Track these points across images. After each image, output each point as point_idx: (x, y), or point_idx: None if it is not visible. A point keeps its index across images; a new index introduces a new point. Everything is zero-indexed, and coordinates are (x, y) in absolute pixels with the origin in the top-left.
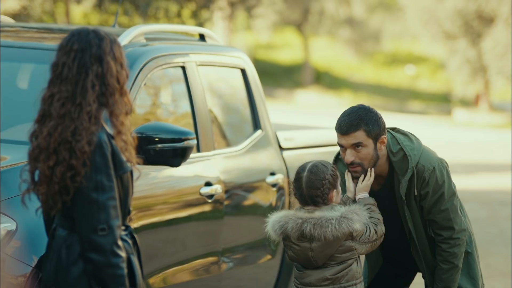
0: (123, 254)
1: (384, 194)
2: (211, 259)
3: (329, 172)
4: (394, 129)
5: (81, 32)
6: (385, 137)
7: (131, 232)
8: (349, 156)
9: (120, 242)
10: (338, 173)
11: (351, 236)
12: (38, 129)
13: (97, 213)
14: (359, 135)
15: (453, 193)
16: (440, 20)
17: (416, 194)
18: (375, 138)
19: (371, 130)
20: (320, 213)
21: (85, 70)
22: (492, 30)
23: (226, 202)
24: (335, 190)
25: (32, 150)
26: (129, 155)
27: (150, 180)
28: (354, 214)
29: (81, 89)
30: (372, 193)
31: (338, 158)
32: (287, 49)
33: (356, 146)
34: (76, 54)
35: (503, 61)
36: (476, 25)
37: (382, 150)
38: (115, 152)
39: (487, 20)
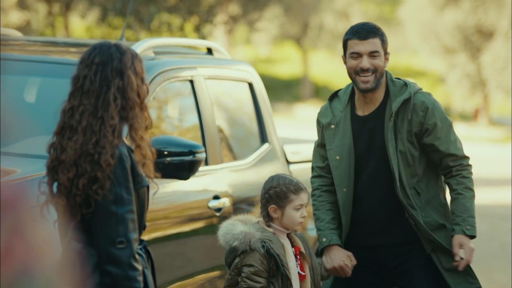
0: (140, 267)
1: (370, 120)
2: (218, 272)
3: (277, 187)
4: None
5: (102, 45)
6: (389, 55)
7: (145, 246)
8: (366, 62)
9: (137, 256)
10: (289, 195)
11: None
12: (57, 141)
13: (116, 226)
14: (376, 42)
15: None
16: (439, 34)
17: (416, 129)
18: (385, 50)
19: (384, 40)
20: (238, 219)
21: (106, 83)
22: (492, 45)
23: (233, 216)
24: (274, 207)
25: (50, 162)
26: (147, 170)
27: (159, 193)
28: (238, 235)
29: (103, 102)
30: (357, 118)
31: (335, 95)
32: (287, 63)
33: (373, 53)
34: (97, 68)
35: (503, 76)
36: (476, 40)
37: (385, 67)
38: (134, 166)
39: (487, 35)
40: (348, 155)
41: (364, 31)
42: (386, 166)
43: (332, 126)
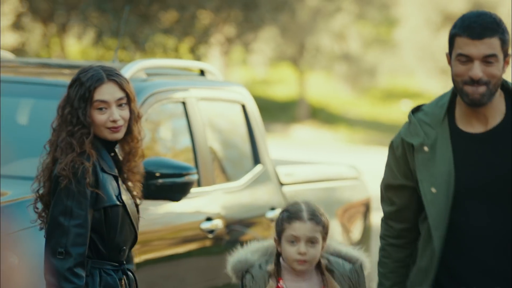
0: (77, 282)
1: (491, 138)
2: None
3: (279, 214)
4: None
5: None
6: (510, 57)
7: (124, 269)
8: (478, 70)
9: (78, 270)
10: (283, 223)
11: None
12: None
13: (60, 236)
14: (494, 43)
15: None
16: (435, 55)
17: None
18: (505, 54)
19: (506, 40)
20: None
21: (64, 105)
22: None
23: (226, 237)
24: (275, 239)
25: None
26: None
27: (151, 215)
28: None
29: (63, 123)
30: (465, 136)
31: (418, 109)
32: (283, 84)
33: (488, 58)
34: (67, 90)
35: None
36: None
37: (504, 73)
38: (101, 184)
39: None
40: (447, 186)
41: (479, 27)
42: (509, 204)
43: (426, 149)
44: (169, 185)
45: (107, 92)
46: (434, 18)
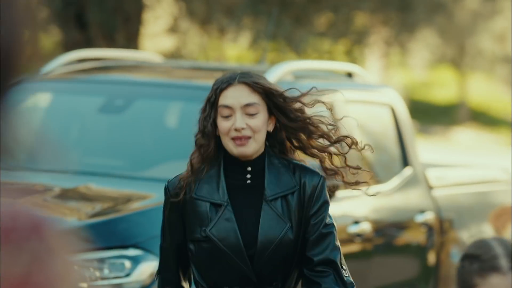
0: None
1: None
2: None
3: (464, 262)
4: None
5: None
6: None
7: None
8: None
9: None
10: (473, 278)
11: None
12: None
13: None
14: None
15: None
16: None
17: None
18: None
19: None
20: None
21: (202, 110)
22: None
23: (374, 241)
24: None
25: None
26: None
27: None
28: None
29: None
30: None
31: None
32: (444, 87)
33: None
34: None
35: None
36: None
37: None
38: (187, 212)
39: None
40: None
41: None
42: None
43: None
44: None
45: (232, 96)
46: None
